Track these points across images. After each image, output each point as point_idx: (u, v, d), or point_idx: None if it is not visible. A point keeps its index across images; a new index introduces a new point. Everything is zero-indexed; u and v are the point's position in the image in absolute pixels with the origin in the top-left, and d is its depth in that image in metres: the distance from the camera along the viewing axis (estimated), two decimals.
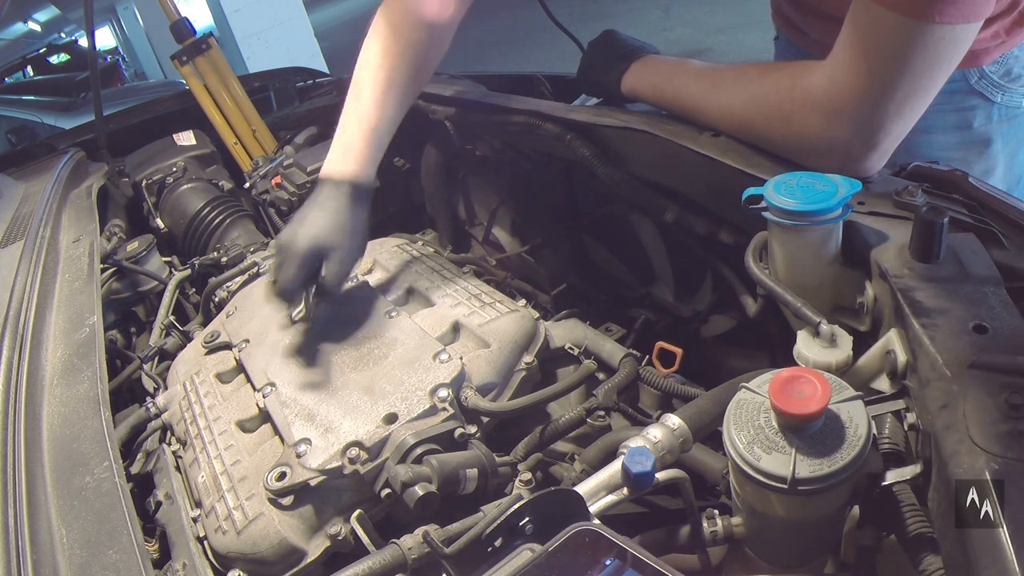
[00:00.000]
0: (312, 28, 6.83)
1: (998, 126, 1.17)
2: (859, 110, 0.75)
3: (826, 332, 0.69)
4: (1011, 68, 1.13)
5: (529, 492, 0.79)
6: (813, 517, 0.59)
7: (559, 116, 1.12)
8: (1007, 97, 1.15)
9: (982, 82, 1.13)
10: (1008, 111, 1.16)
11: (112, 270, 1.34)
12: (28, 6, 10.82)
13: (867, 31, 0.73)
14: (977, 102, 1.15)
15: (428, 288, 1.04)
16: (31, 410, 0.82)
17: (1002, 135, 1.18)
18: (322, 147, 1.53)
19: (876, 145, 0.77)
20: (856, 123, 0.76)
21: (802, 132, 0.81)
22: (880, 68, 0.73)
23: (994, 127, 1.17)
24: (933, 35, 0.70)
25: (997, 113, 1.16)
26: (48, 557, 0.64)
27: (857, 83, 0.74)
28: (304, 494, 0.75)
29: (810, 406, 0.54)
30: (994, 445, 0.50)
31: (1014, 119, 1.17)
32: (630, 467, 0.60)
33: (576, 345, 0.94)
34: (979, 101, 1.14)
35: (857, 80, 0.74)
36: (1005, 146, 1.19)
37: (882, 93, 0.74)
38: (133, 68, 11.80)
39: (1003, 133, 1.18)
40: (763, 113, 0.85)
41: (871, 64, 0.73)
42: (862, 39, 0.74)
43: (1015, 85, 1.14)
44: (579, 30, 1.36)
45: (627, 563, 0.47)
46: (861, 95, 0.75)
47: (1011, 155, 1.20)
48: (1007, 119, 1.17)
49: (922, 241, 0.66)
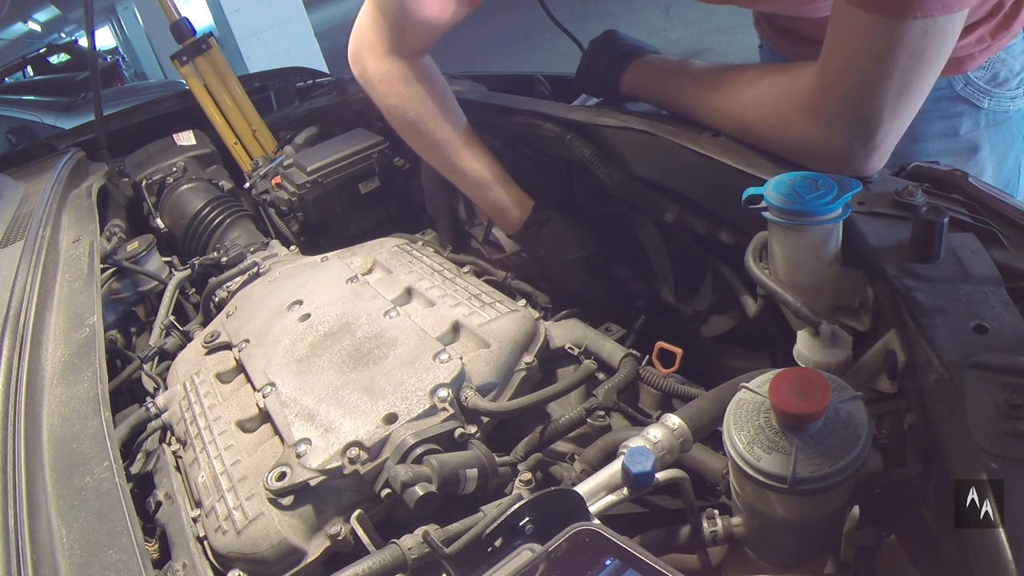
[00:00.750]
0: (312, 28, 6.83)
1: (985, 132, 1.16)
2: (853, 114, 0.75)
3: (826, 332, 0.69)
4: (997, 72, 1.11)
5: (529, 492, 0.79)
6: (813, 517, 0.59)
7: (559, 116, 1.12)
8: (994, 102, 1.13)
9: (968, 88, 1.12)
10: (995, 116, 1.15)
11: (112, 270, 1.34)
12: (28, 6, 10.82)
13: (849, 35, 0.72)
14: (963, 108, 1.13)
15: (428, 288, 1.04)
16: (31, 410, 0.82)
17: (990, 141, 1.17)
18: (322, 147, 1.53)
19: (876, 146, 0.77)
20: (852, 127, 0.76)
21: (801, 136, 0.81)
22: (868, 70, 0.72)
23: (981, 133, 1.16)
24: (916, 30, 0.69)
25: (984, 119, 1.14)
26: (48, 557, 0.64)
27: (847, 88, 0.74)
28: (304, 494, 0.75)
29: (810, 406, 0.54)
30: (994, 445, 0.50)
31: (1001, 124, 1.16)
32: (630, 467, 0.60)
33: (576, 345, 0.94)
34: (965, 107, 1.13)
35: (847, 85, 0.74)
36: (993, 152, 1.18)
37: (874, 95, 0.73)
38: (133, 68, 11.80)
39: (991, 139, 1.17)
40: (762, 115, 0.85)
41: (858, 68, 0.73)
42: (846, 44, 0.73)
43: (1002, 90, 1.13)
44: (579, 30, 1.36)
45: (627, 563, 0.47)
46: (853, 99, 0.74)
47: (999, 161, 1.19)
48: (994, 124, 1.15)
49: (922, 241, 0.66)
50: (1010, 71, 1.12)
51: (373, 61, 1.15)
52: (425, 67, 1.17)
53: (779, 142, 0.84)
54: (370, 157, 1.47)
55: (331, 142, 1.54)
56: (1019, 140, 1.20)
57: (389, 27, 1.12)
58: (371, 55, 1.15)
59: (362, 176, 1.48)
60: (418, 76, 1.15)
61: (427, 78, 1.16)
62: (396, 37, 1.12)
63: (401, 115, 1.17)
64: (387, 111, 1.19)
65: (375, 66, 1.15)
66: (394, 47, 1.13)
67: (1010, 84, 1.13)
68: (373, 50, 1.15)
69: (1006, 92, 1.13)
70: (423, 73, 1.16)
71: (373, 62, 1.15)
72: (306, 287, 1.08)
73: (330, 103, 1.83)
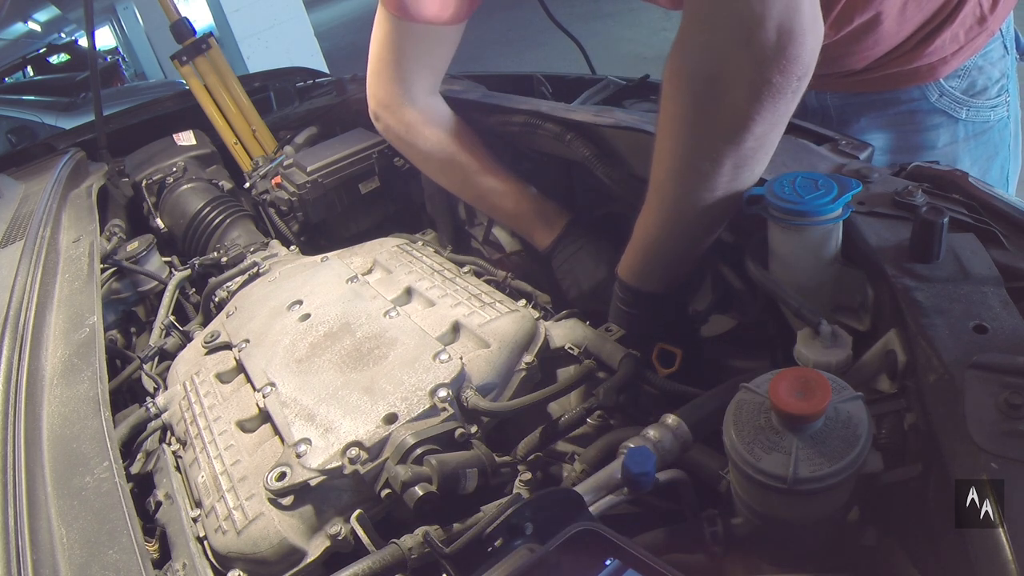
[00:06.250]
0: (312, 28, 6.83)
1: (965, 144, 1.12)
2: (746, 12, 0.66)
3: (826, 332, 0.69)
4: (975, 81, 1.07)
5: (529, 492, 0.79)
6: (813, 517, 0.59)
7: (559, 116, 1.12)
8: (972, 112, 1.09)
9: (943, 99, 1.08)
10: (975, 127, 1.11)
11: (112, 270, 1.34)
12: (28, 6, 10.82)
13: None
14: (940, 120, 1.10)
15: (428, 288, 1.04)
16: (31, 410, 0.82)
17: (970, 153, 1.13)
18: (322, 147, 1.53)
19: (796, 23, 0.67)
20: (757, 22, 0.66)
21: (739, 71, 0.70)
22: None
23: (960, 145, 1.12)
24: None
25: (963, 130, 1.11)
26: (48, 557, 0.64)
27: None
28: (304, 494, 0.75)
29: (810, 406, 0.54)
30: (994, 445, 0.50)
31: (981, 135, 1.12)
32: (630, 467, 0.60)
33: (576, 345, 0.94)
34: (942, 119, 1.10)
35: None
36: (974, 164, 1.14)
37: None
38: (133, 68, 11.81)
39: (971, 151, 1.13)
40: (683, 106, 0.75)
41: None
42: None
43: (980, 100, 1.09)
44: (579, 30, 1.36)
45: (627, 563, 0.47)
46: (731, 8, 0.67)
47: (982, 172, 1.16)
48: (974, 136, 1.12)
49: (922, 241, 0.66)
50: (988, 79, 1.08)
51: (392, 116, 1.21)
52: (440, 109, 1.22)
53: (734, 99, 0.72)
54: (370, 157, 1.47)
55: (331, 142, 1.54)
56: (1003, 150, 1.16)
57: (396, 80, 1.17)
58: (388, 111, 1.21)
59: (362, 176, 1.48)
60: (437, 119, 1.20)
61: (446, 119, 1.21)
62: (405, 87, 1.17)
63: (431, 159, 1.22)
64: (418, 157, 1.25)
65: (396, 121, 1.21)
66: (406, 96, 1.18)
67: (989, 93, 1.09)
68: (389, 106, 1.20)
69: (985, 102, 1.09)
70: (441, 116, 1.21)
71: (392, 117, 1.21)
72: (306, 287, 1.08)
73: (330, 103, 1.83)
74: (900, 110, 1.12)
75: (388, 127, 1.24)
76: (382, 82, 1.19)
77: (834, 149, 0.90)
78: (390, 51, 1.15)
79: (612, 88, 1.44)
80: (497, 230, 1.39)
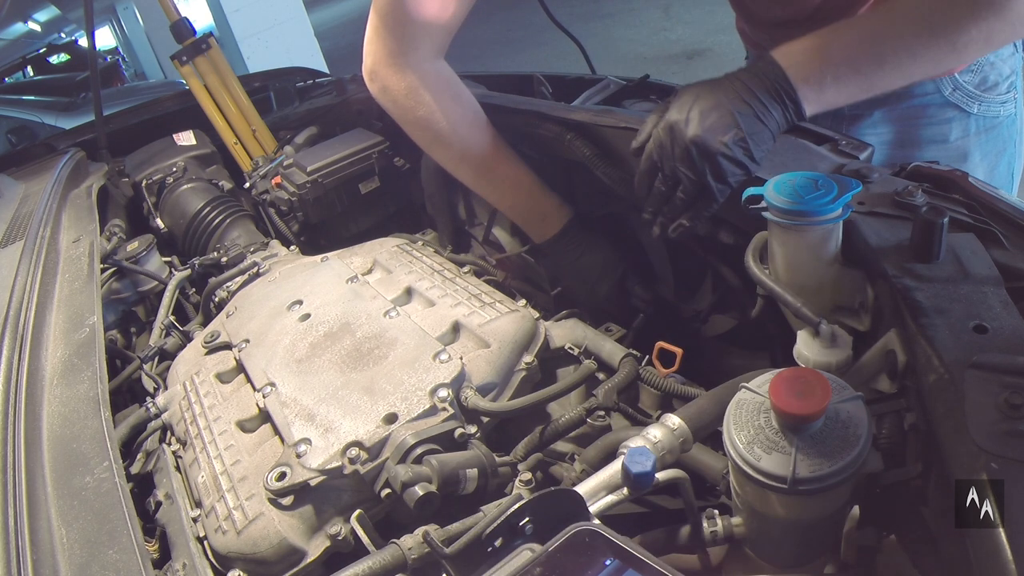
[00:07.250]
0: (312, 28, 6.83)
1: (976, 138, 1.13)
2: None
3: (826, 332, 0.69)
4: (987, 76, 1.09)
5: (529, 492, 0.79)
6: (813, 517, 0.59)
7: (559, 116, 1.12)
8: (984, 107, 1.11)
9: (957, 93, 1.09)
10: (985, 121, 1.12)
11: (112, 270, 1.34)
12: (28, 6, 10.82)
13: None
14: (953, 114, 1.11)
15: (428, 288, 1.04)
16: (31, 410, 0.82)
17: (980, 147, 1.15)
18: (322, 147, 1.53)
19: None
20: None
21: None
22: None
23: (971, 139, 1.13)
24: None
25: (974, 124, 1.12)
26: (48, 557, 0.64)
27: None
28: (304, 494, 0.75)
29: (810, 406, 0.54)
30: (994, 445, 0.50)
31: (992, 130, 1.14)
32: (630, 467, 0.60)
33: (576, 345, 0.94)
34: (955, 113, 1.11)
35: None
36: (984, 158, 1.16)
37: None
38: (133, 68, 11.81)
39: (981, 145, 1.14)
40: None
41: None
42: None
43: (991, 94, 1.10)
44: (579, 30, 1.36)
45: (627, 563, 0.47)
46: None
47: (990, 167, 1.17)
48: (984, 130, 1.13)
49: (922, 241, 0.66)
50: (999, 75, 1.10)
51: (394, 75, 1.08)
52: (446, 74, 1.11)
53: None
54: (370, 157, 1.47)
55: (331, 142, 1.54)
56: (1011, 146, 1.18)
57: (401, 35, 1.05)
58: (389, 69, 1.08)
59: (362, 176, 1.48)
60: (442, 84, 1.09)
61: (451, 85, 1.10)
62: (410, 44, 1.06)
63: (430, 127, 1.10)
64: (415, 124, 1.11)
65: (396, 80, 1.08)
66: (411, 55, 1.06)
67: (1000, 88, 1.11)
68: (391, 63, 1.07)
69: (996, 96, 1.11)
70: (446, 81, 1.10)
71: (394, 76, 1.08)
72: (306, 287, 1.08)
73: (330, 103, 1.83)
74: (913, 103, 1.12)
75: (386, 87, 1.09)
76: (387, 39, 1.06)
77: (834, 149, 0.90)
78: (398, 4, 1.03)
79: (612, 88, 1.44)
80: (497, 230, 1.39)
